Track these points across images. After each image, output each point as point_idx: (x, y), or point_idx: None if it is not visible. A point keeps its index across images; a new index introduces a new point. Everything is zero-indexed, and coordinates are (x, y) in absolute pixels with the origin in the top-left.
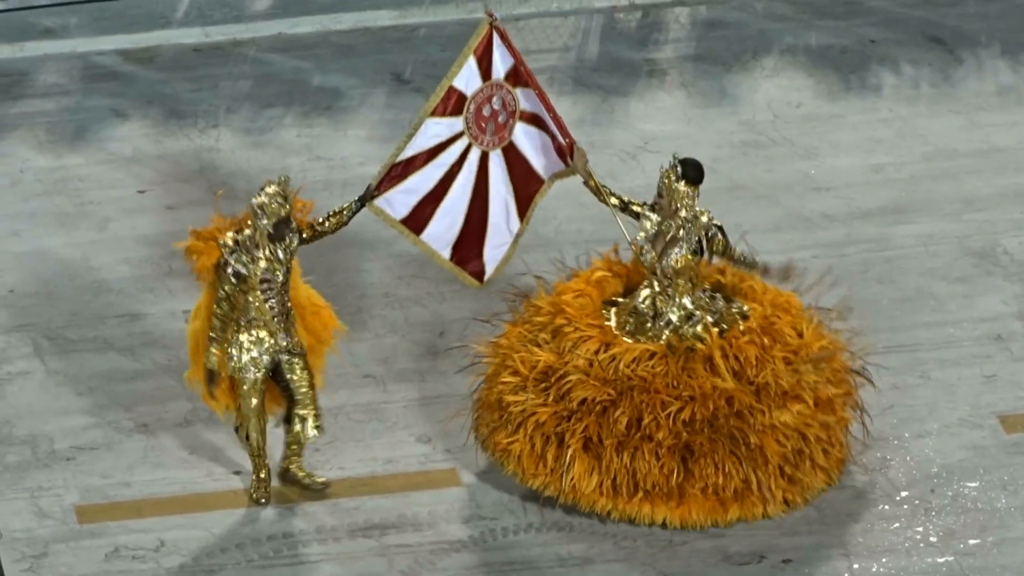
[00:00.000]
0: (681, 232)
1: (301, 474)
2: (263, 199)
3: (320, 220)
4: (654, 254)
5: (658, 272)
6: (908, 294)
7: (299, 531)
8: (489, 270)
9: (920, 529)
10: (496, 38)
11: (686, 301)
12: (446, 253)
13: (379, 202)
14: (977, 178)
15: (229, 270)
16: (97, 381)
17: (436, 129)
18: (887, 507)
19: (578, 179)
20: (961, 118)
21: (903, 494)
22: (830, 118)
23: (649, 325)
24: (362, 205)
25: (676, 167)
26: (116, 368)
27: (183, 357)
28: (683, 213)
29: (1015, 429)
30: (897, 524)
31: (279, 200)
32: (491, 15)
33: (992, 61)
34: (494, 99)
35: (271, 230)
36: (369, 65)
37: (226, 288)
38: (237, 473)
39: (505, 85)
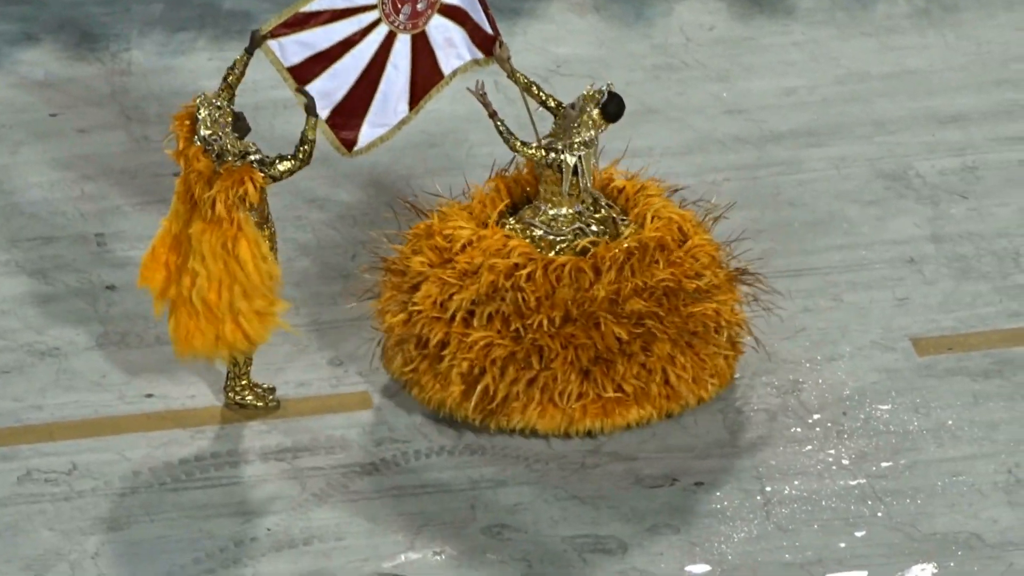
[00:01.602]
0: (562, 151)
1: (254, 386)
2: (206, 127)
3: (221, 89)
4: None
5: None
6: (820, 217)
7: (211, 454)
8: (361, 143)
9: (832, 452)
10: None
11: (547, 208)
12: (324, 114)
13: (272, 43)
14: (889, 101)
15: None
16: (8, 304)
17: None
18: (799, 430)
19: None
20: (873, 40)
21: (815, 417)
22: (742, 41)
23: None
24: (251, 54)
25: (601, 93)
26: (28, 291)
27: (95, 280)
28: (578, 137)
29: (927, 352)
30: (809, 447)
31: (216, 112)
32: None
33: None
34: None
35: (235, 133)
36: None
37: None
38: (149, 396)
39: None
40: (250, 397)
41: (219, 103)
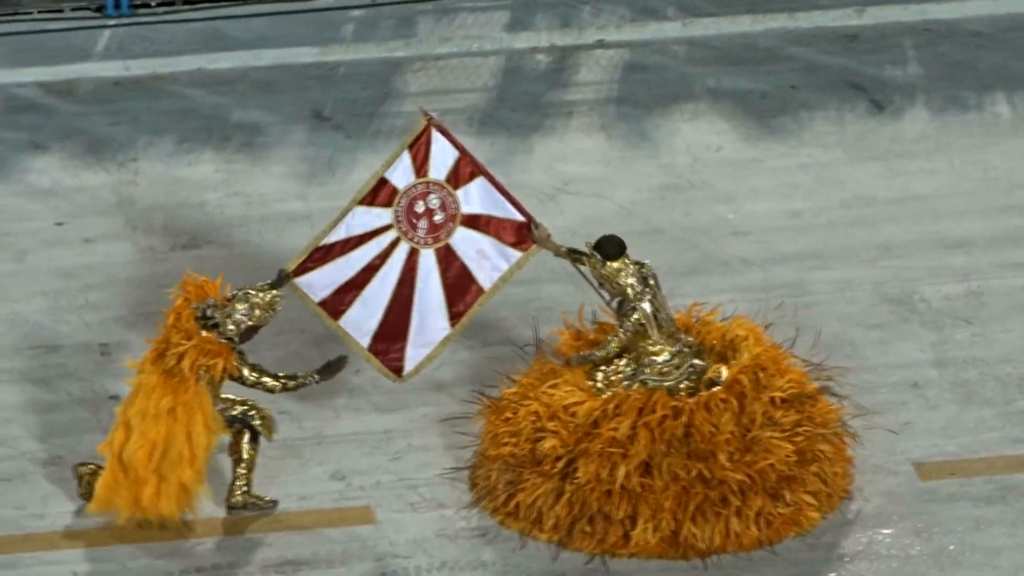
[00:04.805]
0: (632, 303)
1: (255, 496)
2: (263, 301)
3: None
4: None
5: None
6: (824, 340)
7: (212, 565)
8: (409, 367)
9: (833, 575)
10: (435, 135)
11: (651, 361)
12: (365, 342)
13: (300, 282)
14: (895, 225)
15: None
16: (11, 412)
17: (364, 219)
18: (801, 553)
19: None
20: (880, 165)
21: (817, 539)
22: (749, 163)
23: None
24: (274, 287)
25: (595, 256)
26: (31, 400)
27: (98, 389)
28: (630, 282)
29: (930, 476)
30: (811, 570)
31: (271, 312)
32: (427, 115)
33: (911, 109)
34: (431, 197)
35: (242, 330)
36: (289, 101)
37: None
38: None
39: (446, 187)
40: (252, 498)
41: (270, 314)
